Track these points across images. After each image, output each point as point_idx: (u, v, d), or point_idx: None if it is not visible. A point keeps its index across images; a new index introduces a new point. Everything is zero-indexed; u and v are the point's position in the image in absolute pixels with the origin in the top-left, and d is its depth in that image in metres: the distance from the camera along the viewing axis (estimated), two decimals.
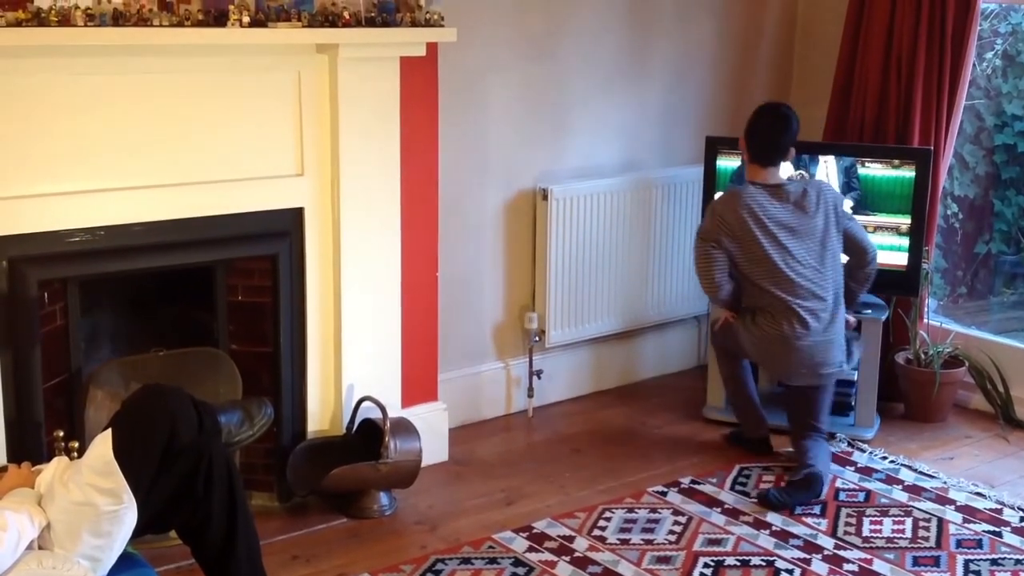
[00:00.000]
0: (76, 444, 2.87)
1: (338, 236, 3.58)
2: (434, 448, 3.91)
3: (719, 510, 3.66)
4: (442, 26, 3.55)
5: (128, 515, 2.32)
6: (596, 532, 3.50)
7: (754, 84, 4.96)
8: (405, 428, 3.62)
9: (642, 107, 4.67)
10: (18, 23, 2.82)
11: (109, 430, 2.35)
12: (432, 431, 3.87)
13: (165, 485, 2.41)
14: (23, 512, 2.24)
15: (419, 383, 3.93)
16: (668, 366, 4.95)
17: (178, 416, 2.39)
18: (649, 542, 3.45)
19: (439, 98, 3.79)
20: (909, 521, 3.61)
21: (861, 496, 3.78)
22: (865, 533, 3.52)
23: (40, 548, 2.27)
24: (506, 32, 4.20)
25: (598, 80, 4.52)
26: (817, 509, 3.67)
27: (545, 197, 4.33)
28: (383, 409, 3.55)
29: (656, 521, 3.58)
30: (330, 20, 3.35)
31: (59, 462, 2.44)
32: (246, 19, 3.16)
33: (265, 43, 3.25)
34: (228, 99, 3.31)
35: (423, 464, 3.66)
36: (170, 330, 3.53)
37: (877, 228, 4.25)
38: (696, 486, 3.83)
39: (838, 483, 3.86)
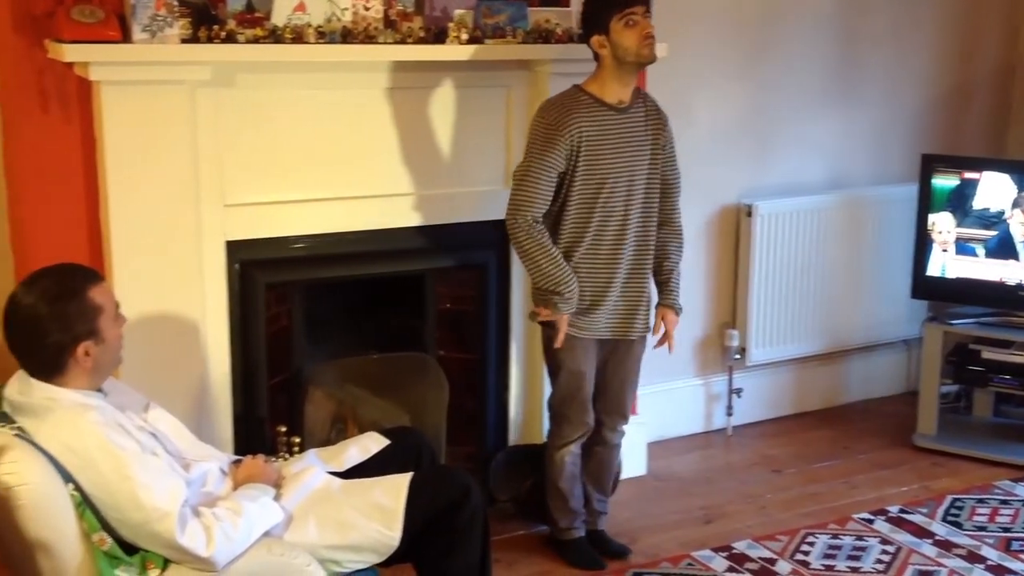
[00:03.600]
0: (298, 439, 3.01)
1: None
2: (633, 462, 3.91)
3: (930, 541, 3.51)
4: None
5: (384, 548, 2.46)
6: (799, 556, 3.41)
7: (973, 99, 4.76)
8: None
9: (852, 123, 4.55)
10: (256, 40, 2.99)
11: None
12: (630, 445, 3.85)
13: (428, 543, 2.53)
14: (260, 502, 2.37)
15: None
16: (874, 390, 4.78)
17: (471, 494, 2.54)
18: (855, 570, 3.34)
19: None
20: None
21: None
22: None
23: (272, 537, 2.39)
24: (715, 48, 4.18)
25: (806, 96, 4.43)
26: None
27: (749, 213, 4.27)
28: None
29: (863, 549, 3.46)
30: (543, 36, 3.41)
31: (261, 461, 2.57)
32: (464, 36, 3.26)
33: (481, 59, 3.33)
34: (444, 113, 3.42)
35: (621, 477, 3.67)
36: (382, 335, 3.66)
37: None
38: (905, 515, 3.69)
39: None
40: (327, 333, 3.63)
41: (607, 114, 3.14)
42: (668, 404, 4.29)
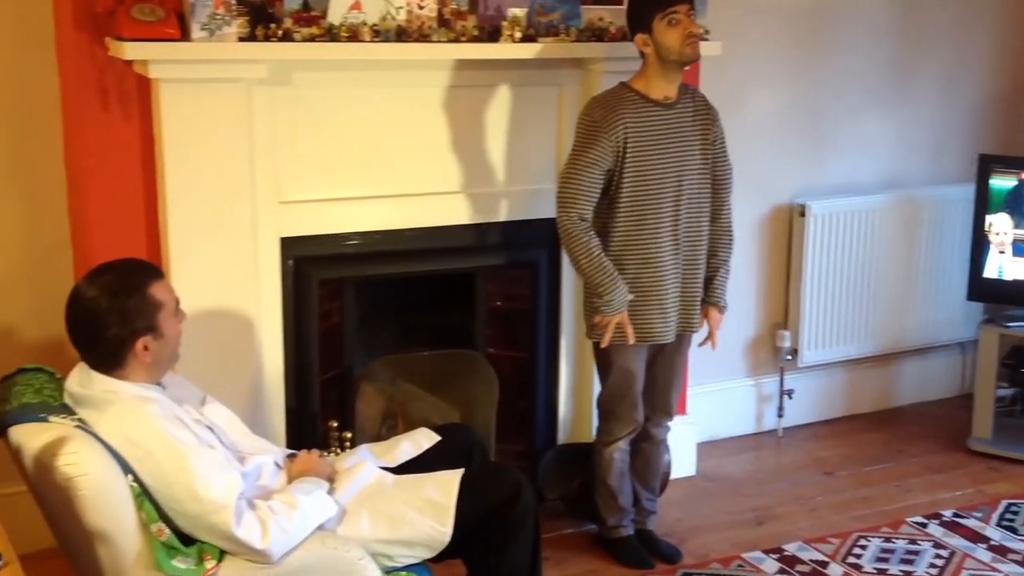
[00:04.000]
0: (349, 435, 3.03)
1: None
2: (682, 462, 3.89)
3: (984, 546, 3.47)
4: (707, 40, 3.54)
5: (436, 543, 2.46)
6: (851, 559, 3.38)
7: None
8: None
9: (909, 122, 4.49)
10: (312, 38, 3.01)
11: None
12: (680, 445, 3.85)
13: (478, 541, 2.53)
14: (314, 496, 2.39)
15: None
16: (928, 393, 4.73)
17: (522, 492, 2.54)
18: (908, 574, 3.30)
19: None
20: None
21: None
22: None
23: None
24: (769, 46, 4.15)
25: (862, 94, 4.39)
26: None
27: (803, 213, 4.24)
28: None
29: (916, 553, 3.42)
30: (596, 35, 3.41)
31: (315, 455, 2.59)
32: (518, 35, 3.26)
33: (534, 58, 3.34)
34: (496, 112, 3.43)
35: (671, 477, 3.65)
36: (433, 332, 3.68)
37: None
38: (959, 520, 3.64)
39: None
40: (379, 330, 3.65)
41: (653, 110, 3.13)
42: (719, 404, 4.27)
